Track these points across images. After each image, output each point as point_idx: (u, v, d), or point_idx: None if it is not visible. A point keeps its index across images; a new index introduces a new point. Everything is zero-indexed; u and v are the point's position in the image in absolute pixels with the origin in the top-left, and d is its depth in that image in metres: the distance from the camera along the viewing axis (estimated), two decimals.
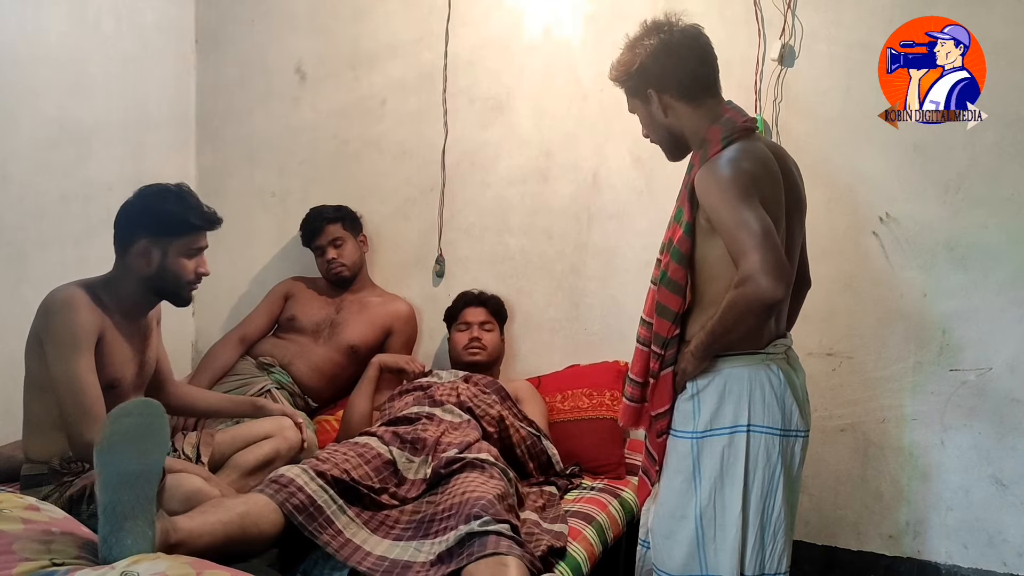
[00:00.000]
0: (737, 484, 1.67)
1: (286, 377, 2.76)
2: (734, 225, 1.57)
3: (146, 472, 1.46)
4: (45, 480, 1.97)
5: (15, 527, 1.44)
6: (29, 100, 2.52)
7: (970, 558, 2.41)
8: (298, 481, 1.88)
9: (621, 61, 1.78)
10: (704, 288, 1.70)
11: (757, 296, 1.53)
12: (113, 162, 2.80)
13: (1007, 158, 2.33)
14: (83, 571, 1.34)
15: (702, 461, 1.69)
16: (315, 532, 1.81)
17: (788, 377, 1.71)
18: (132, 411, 1.47)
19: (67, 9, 2.62)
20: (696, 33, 1.76)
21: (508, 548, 1.72)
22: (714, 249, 1.66)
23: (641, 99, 1.78)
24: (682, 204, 1.72)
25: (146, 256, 2.00)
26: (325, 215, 2.88)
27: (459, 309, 2.77)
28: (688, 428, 1.70)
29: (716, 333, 1.63)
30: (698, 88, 1.74)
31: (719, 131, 1.70)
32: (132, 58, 2.87)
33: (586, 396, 2.67)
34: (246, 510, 1.76)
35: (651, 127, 1.81)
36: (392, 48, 2.95)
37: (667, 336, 1.70)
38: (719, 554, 1.69)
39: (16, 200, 2.50)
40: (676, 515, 1.73)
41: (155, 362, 2.21)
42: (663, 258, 1.74)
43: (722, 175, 1.62)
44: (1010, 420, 2.36)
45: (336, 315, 2.87)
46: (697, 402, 1.69)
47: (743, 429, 1.66)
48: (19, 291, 2.47)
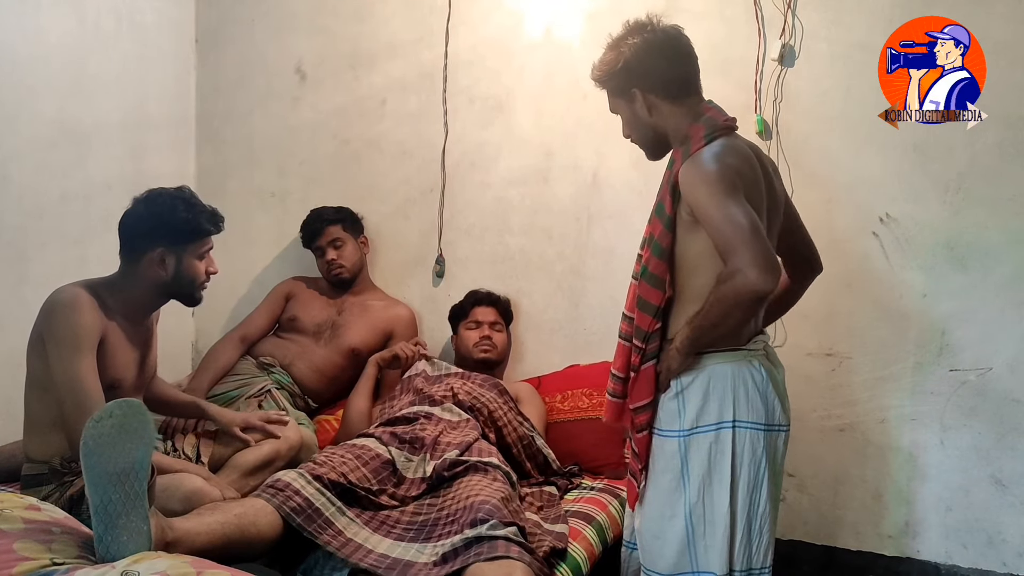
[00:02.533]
0: (725, 480, 1.68)
1: (286, 377, 2.75)
2: (721, 219, 1.58)
3: (132, 470, 1.47)
4: (46, 480, 1.97)
5: (16, 527, 1.44)
6: (29, 100, 2.52)
7: (969, 558, 2.41)
8: (295, 485, 1.89)
9: (604, 60, 1.79)
10: (685, 282, 1.71)
11: (747, 289, 1.54)
12: (113, 162, 2.80)
13: (1007, 158, 2.33)
14: (83, 570, 1.34)
15: (690, 459, 1.69)
16: (315, 533, 1.81)
17: (770, 373, 1.73)
18: (113, 412, 1.48)
19: (67, 9, 2.62)
20: (677, 33, 1.78)
21: (518, 554, 1.72)
22: (695, 244, 1.67)
23: (625, 98, 1.79)
24: (663, 199, 1.73)
25: (162, 264, 2.03)
26: (325, 216, 2.88)
27: (469, 307, 2.76)
28: (675, 427, 1.71)
29: (703, 327, 1.63)
30: (681, 87, 1.76)
31: (701, 128, 1.72)
32: (132, 58, 2.87)
33: (586, 396, 2.67)
34: (243, 511, 1.76)
35: (633, 126, 1.83)
36: (392, 48, 2.95)
37: (648, 330, 1.71)
38: (709, 551, 1.69)
39: (16, 200, 2.50)
40: (665, 515, 1.73)
41: (156, 363, 2.22)
42: (644, 253, 1.76)
43: (707, 170, 1.63)
44: (1010, 420, 2.36)
45: (338, 317, 2.87)
46: (682, 400, 1.70)
47: (728, 425, 1.68)
48: (19, 291, 2.47)
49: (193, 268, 2.07)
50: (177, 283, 2.06)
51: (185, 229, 2.03)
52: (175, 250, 2.03)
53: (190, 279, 2.07)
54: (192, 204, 2.06)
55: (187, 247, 2.04)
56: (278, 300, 2.96)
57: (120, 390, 2.02)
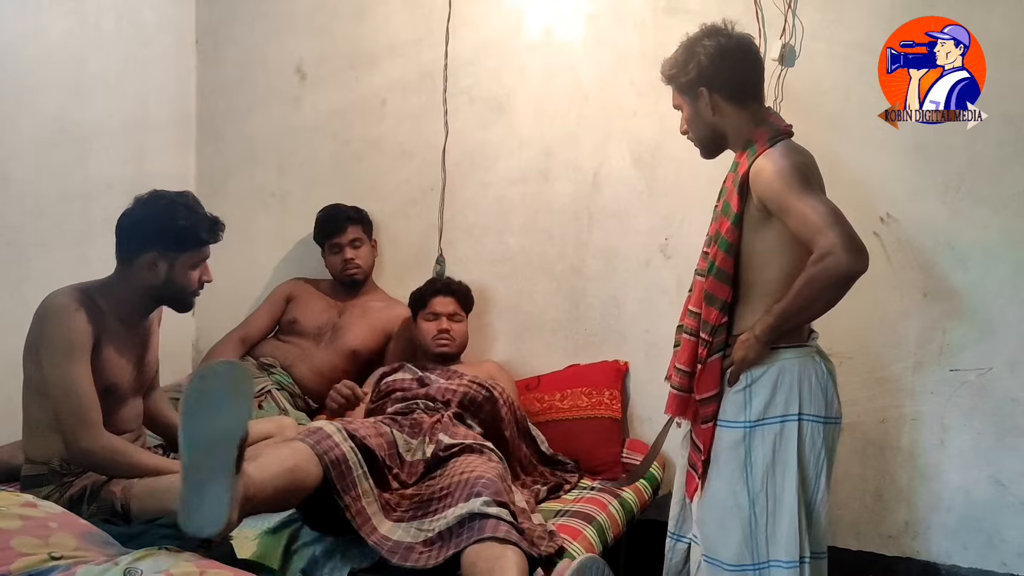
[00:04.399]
0: (790, 471, 1.74)
1: (287, 378, 2.75)
2: (804, 207, 1.65)
3: (226, 435, 1.46)
4: (45, 480, 1.97)
5: (13, 524, 1.44)
6: (29, 100, 2.52)
7: (969, 558, 2.41)
8: (335, 438, 1.91)
9: (677, 59, 1.86)
10: (753, 278, 1.78)
11: (841, 270, 1.60)
12: (113, 162, 2.80)
13: (1007, 158, 2.33)
14: (84, 567, 1.35)
15: (753, 449, 1.76)
16: (342, 490, 1.83)
17: (828, 368, 1.81)
18: (218, 371, 1.48)
19: (67, 8, 2.62)
20: (749, 41, 1.88)
21: (506, 533, 1.74)
22: (764, 240, 1.75)
23: (691, 96, 1.85)
24: (729, 198, 1.81)
25: (152, 268, 2.00)
26: (349, 214, 2.86)
27: (428, 297, 2.70)
28: (740, 418, 1.77)
29: (788, 312, 1.69)
30: (747, 92, 1.85)
31: (765, 132, 1.80)
32: (132, 58, 2.87)
33: (585, 395, 2.67)
34: (295, 464, 1.78)
35: (695, 123, 1.89)
36: (392, 48, 2.95)
37: (715, 324, 1.77)
38: (773, 539, 1.76)
39: (16, 200, 2.49)
40: (728, 504, 1.78)
41: (156, 364, 2.20)
42: (710, 250, 1.82)
43: (783, 164, 1.71)
44: (1010, 420, 2.36)
45: (338, 319, 2.87)
46: (749, 393, 1.76)
47: (794, 418, 1.74)
48: (19, 291, 2.46)
49: (185, 276, 2.02)
50: (168, 289, 2.02)
51: (181, 236, 1.98)
52: (168, 256, 1.99)
53: (181, 287, 2.02)
54: (193, 211, 2.01)
55: (181, 254, 1.99)
56: (279, 301, 2.95)
57: (117, 393, 2.01)
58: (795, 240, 1.71)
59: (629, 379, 2.75)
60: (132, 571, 1.33)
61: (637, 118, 2.69)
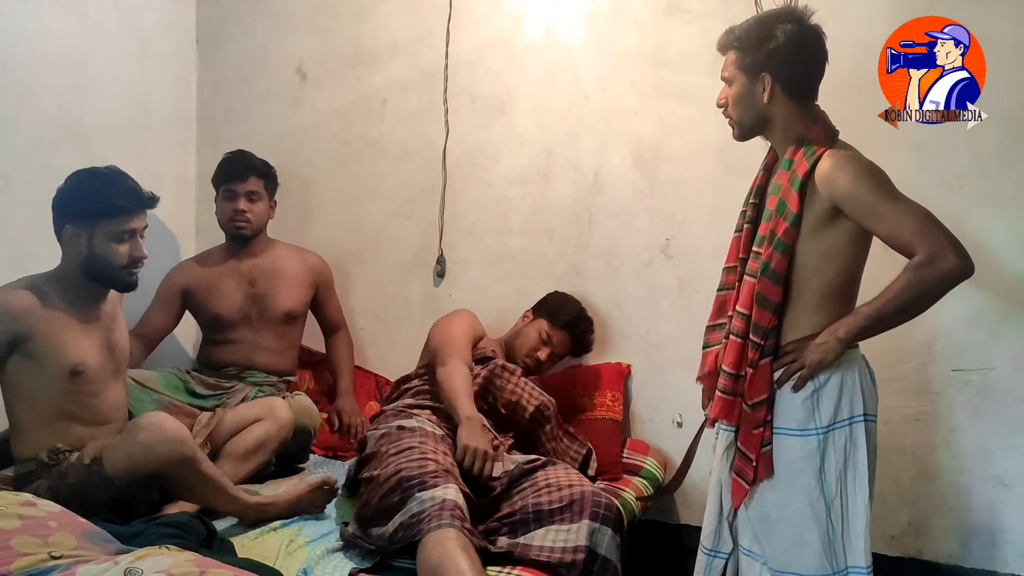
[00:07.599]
0: (861, 473, 1.71)
1: (258, 375, 2.70)
2: (900, 211, 1.63)
3: None
4: (36, 475, 1.99)
5: (12, 523, 1.44)
6: (29, 100, 2.51)
7: (973, 558, 2.40)
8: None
9: (750, 33, 1.75)
10: (808, 280, 1.71)
11: (952, 273, 1.59)
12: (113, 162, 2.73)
13: (1008, 158, 2.33)
14: (84, 567, 1.34)
15: (827, 456, 1.71)
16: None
17: (871, 367, 1.79)
18: None
19: (68, 9, 2.62)
20: (821, 34, 1.77)
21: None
22: (823, 242, 1.69)
23: (750, 76, 1.75)
24: (785, 198, 1.71)
25: (74, 243, 1.98)
26: (255, 164, 2.76)
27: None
28: (810, 425, 1.72)
29: (886, 314, 1.65)
30: (807, 87, 1.78)
31: (820, 131, 1.74)
32: (133, 58, 2.87)
33: (586, 396, 2.67)
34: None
35: (742, 105, 1.78)
36: (393, 48, 2.95)
37: (767, 326, 1.72)
38: (851, 545, 1.72)
39: (17, 200, 2.49)
40: (805, 515, 1.72)
41: (126, 346, 2.18)
42: (763, 250, 1.73)
43: (867, 169, 1.67)
44: (1013, 420, 2.35)
45: (252, 289, 2.74)
46: (816, 398, 1.71)
47: (860, 419, 1.72)
48: None
49: (107, 248, 1.98)
50: (94, 264, 1.99)
51: (91, 204, 1.96)
52: (86, 228, 1.96)
53: (105, 260, 1.98)
54: (109, 180, 1.98)
55: (96, 225, 1.96)
56: (174, 297, 2.76)
57: (86, 374, 2.01)
58: (854, 243, 1.68)
59: (631, 380, 2.74)
60: (132, 571, 1.33)
61: (638, 118, 2.69)
